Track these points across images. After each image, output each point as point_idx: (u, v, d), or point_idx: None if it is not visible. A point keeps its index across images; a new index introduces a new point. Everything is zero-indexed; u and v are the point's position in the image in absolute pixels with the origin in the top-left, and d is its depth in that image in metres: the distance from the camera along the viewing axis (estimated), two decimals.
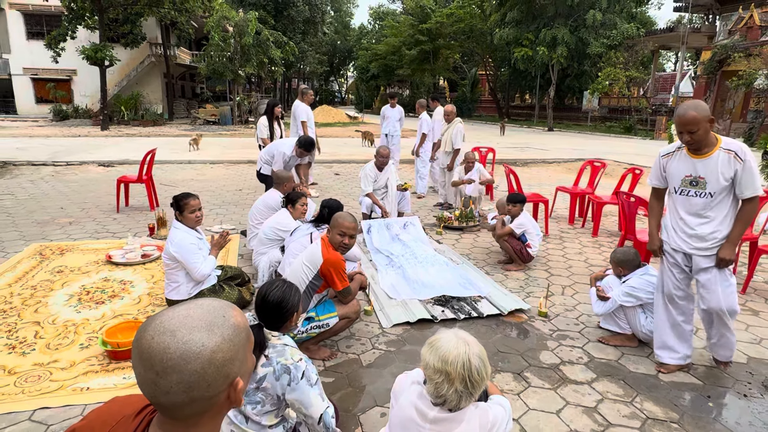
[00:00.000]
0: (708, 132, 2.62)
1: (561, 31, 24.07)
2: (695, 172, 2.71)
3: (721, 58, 19.38)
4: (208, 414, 0.87)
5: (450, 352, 1.51)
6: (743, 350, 3.29)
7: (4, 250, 4.97)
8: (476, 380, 1.51)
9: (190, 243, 3.51)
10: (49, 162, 10.70)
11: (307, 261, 2.91)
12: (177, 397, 0.80)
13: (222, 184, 8.91)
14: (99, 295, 3.89)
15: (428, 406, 1.61)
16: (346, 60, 60.17)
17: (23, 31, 26.12)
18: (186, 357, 0.79)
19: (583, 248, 5.55)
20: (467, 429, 1.55)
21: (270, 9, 33.57)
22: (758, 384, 2.90)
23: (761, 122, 17.41)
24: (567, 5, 23.89)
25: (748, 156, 2.58)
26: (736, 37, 18.92)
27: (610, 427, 2.48)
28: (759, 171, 3.45)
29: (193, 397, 0.81)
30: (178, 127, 22.55)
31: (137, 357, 0.81)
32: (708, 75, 20.49)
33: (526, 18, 25.73)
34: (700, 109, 2.60)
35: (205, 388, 0.81)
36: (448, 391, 1.51)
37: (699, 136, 2.60)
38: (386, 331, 3.47)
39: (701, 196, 2.71)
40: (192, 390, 0.80)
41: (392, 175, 5.97)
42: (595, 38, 23.96)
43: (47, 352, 3.02)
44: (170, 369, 0.78)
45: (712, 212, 2.70)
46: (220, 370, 0.82)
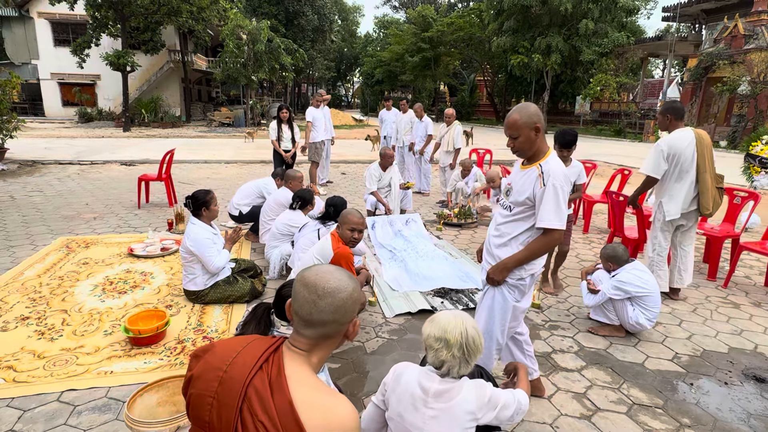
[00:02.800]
0: (532, 141, 2.14)
1: (555, 39, 23.92)
2: (512, 181, 2.31)
3: (707, 66, 19.21)
4: (332, 340, 1.18)
5: (449, 323, 1.62)
6: (724, 341, 3.29)
7: (34, 243, 5.00)
8: (472, 348, 1.60)
9: (206, 238, 3.52)
10: (74, 161, 10.75)
11: (318, 255, 2.93)
12: (326, 315, 1.12)
13: (236, 183, 8.91)
14: (121, 286, 3.91)
15: (430, 379, 1.64)
16: (353, 66, 59.98)
17: (51, 38, 26.17)
18: (339, 288, 1.14)
19: (575, 244, 5.53)
20: (465, 399, 1.60)
21: (281, 18, 33.50)
22: (738, 372, 2.90)
23: (744, 126, 17.28)
24: (561, 15, 23.71)
25: (553, 183, 2.07)
26: (721, 46, 18.75)
27: (598, 411, 2.48)
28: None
29: (335, 318, 1.13)
30: (195, 129, 22.58)
31: (303, 286, 1.14)
32: (694, 81, 20.31)
33: (522, 27, 25.57)
34: (525, 113, 2.13)
35: (342, 314, 1.14)
36: (447, 356, 1.59)
37: (520, 143, 2.16)
38: (389, 320, 3.48)
39: (504, 206, 2.31)
40: (337, 312, 1.13)
41: (395, 174, 5.97)
42: (588, 46, 23.79)
43: (74, 338, 3.05)
44: (328, 294, 1.12)
45: (507, 228, 2.25)
46: (354, 304, 1.18)
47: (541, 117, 2.16)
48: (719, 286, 4.29)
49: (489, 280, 2.27)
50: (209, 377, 1.10)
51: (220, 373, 1.09)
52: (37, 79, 26.63)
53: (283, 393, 1.04)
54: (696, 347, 3.18)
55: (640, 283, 3.15)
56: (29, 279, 3.98)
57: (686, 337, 3.32)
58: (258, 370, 1.08)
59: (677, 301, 3.92)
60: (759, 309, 3.82)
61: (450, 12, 37.03)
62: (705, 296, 4.05)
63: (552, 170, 2.10)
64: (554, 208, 2.07)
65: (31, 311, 3.40)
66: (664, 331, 3.39)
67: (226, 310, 3.54)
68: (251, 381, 1.06)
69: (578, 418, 2.42)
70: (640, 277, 3.17)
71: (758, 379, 2.81)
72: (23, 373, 2.64)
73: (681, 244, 3.91)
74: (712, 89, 19.05)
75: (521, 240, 2.20)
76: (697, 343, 3.23)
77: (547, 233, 2.12)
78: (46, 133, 18.11)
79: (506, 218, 2.26)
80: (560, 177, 2.09)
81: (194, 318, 3.39)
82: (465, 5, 41.30)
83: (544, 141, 2.20)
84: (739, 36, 18.07)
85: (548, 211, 2.08)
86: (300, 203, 4.19)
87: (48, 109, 27.29)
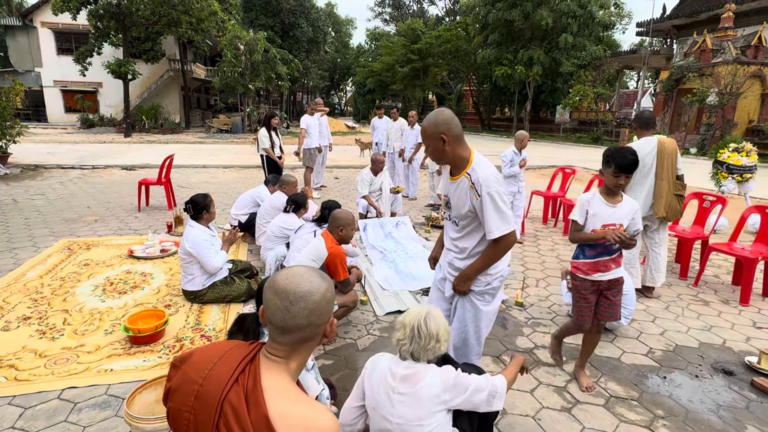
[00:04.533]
0: (441, 151, 2.01)
1: (536, 52, 24.18)
2: (448, 193, 2.16)
3: (678, 78, 19.52)
4: (310, 342, 1.08)
5: (411, 313, 1.71)
6: (695, 336, 3.33)
7: (36, 245, 4.91)
8: (425, 333, 1.64)
9: (204, 239, 3.49)
10: (76, 165, 10.60)
11: (312, 255, 2.91)
12: (301, 320, 1.03)
13: (233, 186, 8.86)
14: (122, 286, 3.86)
15: (397, 363, 1.69)
16: (345, 76, 59.99)
17: (54, 47, 25.82)
18: (311, 290, 1.04)
19: (555, 245, 5.57)
20: (430, 383, 1.63)
21: (277, 30, 33.41)
22: (708, 366, 2.93)
23: (712, 134, 17.57)
24: (542, 29, 23.98)
25: (487, 191, 1.95)
26: (690, 59, 19.07)
27: (578, 404, 2.50)
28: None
29: (310, 321, 1.04)
30: (194, 135, 22.40)
31: (273, 293, 1.04)
32: (666, 92, 20.62)
33: (505, 40, 25.81)
34: (431, 122, 2.00)
35: (318, 316, 1.05)
36: (402, 336, 1.67)
37: (431, 152, 2.05)
38: (380, 318, 3.47)
39: (450, 219, 2.21)
40: (312, 315, 1.03)
41: (386, 179, 5.97)
42: (567, 59, 24.08)
43: (74, 337, 2.99)
44: (300, 298, 1.03)
45: (462, 243, 2.15)
46: (328, 305, 1.08)
47: (450, 125, 1.99)
48: (690, 284, 4.34)
49: (455, 290, 2.19)
50: (186, 391, 1.04)
51: (196, 386, 1.03)
52: (40, 86, 26.24)
53: (259, 407, 0.97)
54: (669, 342, 3.21)
55: None
56: (31, 280, 3.90)
57: (660, 332, 3.35)
58: (234, 383, 1.01)
59: (651, 298, 3.97)
60: (727, 306, 3.88)
61: (438, 25, 37.18)
62: (677, 294, 4.10)
63: (482, 178, 1.97)
64: (497, 215, 1.96)
65: (33, 311, 3.34)
66: (639, 327, 3.42)
67: (224, 309, 3.50)
68: (227, 396, 1.00)
69: (559, 411, 2.44)
70: None
71: (726, 372, 2.84)
72: (24, 372, 2.58)
73: (652, 245, 3.96)
74: (683, 100, 19.36)
75: (481, 251, 2.11)
76: (670, 339, 3.26)
77: (499, 240, 2.01)
78: (48, 138, 17.84)
79: (458, 233, 2.16)
80: (492, 182, 1.96)
81: (192, 317, 3.35)
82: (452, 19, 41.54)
83: (461, 146, 2.04)
84: (707, 50, 18.39)
85: (492, 220, 1.96)
86: (294, 206, 4.16)
87: (51, 116, 26.89)
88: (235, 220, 5.18)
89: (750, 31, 19.45)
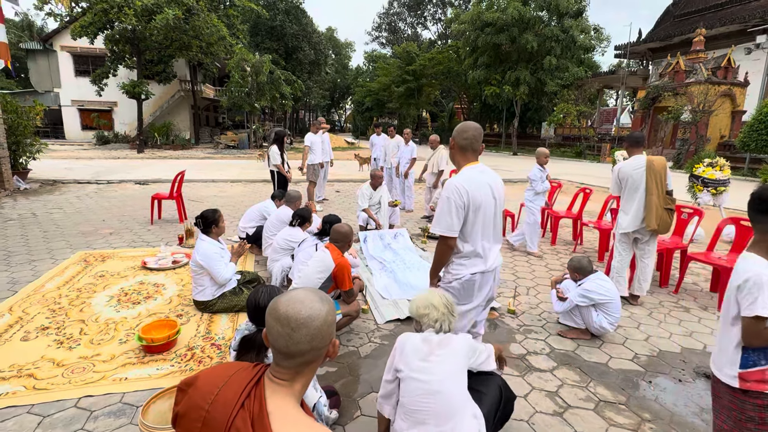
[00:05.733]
0: (451, 151, 2.31)
1: (523, 73, 24.42)
2: None
3: (654, 96, 19.74)
4: (313, 364, 1.04)
5: (428, 296, 1.97)
6: (677, 341, 3.32)
7: (54, 257, 4.87)
8: (450, 305, 1.96)
9: (214, 252, 3.48)
10: (92, 180, 10.57)
11: (319, 266, 2.90)
12: (303, 346, 0.98)
13: (241, 200, 8.85)
14: (135, 297, 3.82)
15: (430, 337, 1.89)
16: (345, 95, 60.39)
17: (72, 69, 25.92)
18: (311, 316, 0.99)
19: (544, 255, 5.57)
20: (459, 343, 1.88)
21: (281, 52, 33.68)
22: (690, 370, 2.92)
23: (687, 149, 17.73)
24: (527, 52, 24.25)
25: (445, 193, 2.15)
26: (666, 80, 19.30)
27: (569, 408, 2.48)
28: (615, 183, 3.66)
29: (313, 346, 0.99)
30: (203, 151, 22.42)
31: (275, 320, 0.99)
32: (643, 110, 20.84)
33: (494, 62, 26.06)
34: (456, 127, 2.26)
35: (320, 339, 1.00)
36: (438, 314, 1.92)
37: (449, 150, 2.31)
38: (380, 326, 3.45)
39: None
40: (314, 340, 0.99)
41: (385, 193, 5.98)
42: (551, 79, 24.32)
43: (90, 347, 2.96)
44: (302, 325, 0.98)
45: None
46: (330, 327, 1.03)
47: (459, 134, 2.21)
48: (671, 291, 4.35)
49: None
50: (193, 417, 1.00)
51: (202, 412, 0.99)
52: (58, 105, 26.29)
53: None
54: (653, 348, 3.20)
55: (603, 291, 3.18)
56: (49, 291, 3.87)
57: (644, 338, 3.35)
58: (240, 409, 0.97)
59: (635, 305, 3.97)
60: (706, 312, 3.88)
61: (431, 48, 37.61)
62: (659, 301, 4.10)
63: (448, 182, 2.18)
64: (437, 216, 2.17)
65: (51, 321, 3.30)
66: (625, 333, 3.42)
67: (232, 318, 3.47)
68: (233, 422, 0.96)
69: (551, 415, 2.42)
70: (602, 285, 3.20)
71: (708, 377, 2.83)
72: (43, 381, 2.55)
73: (641, 257, 3.96)
74: (659, 117, 19.57)
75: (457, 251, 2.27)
76: (654, 344, 3.26)
77: (440, 239, 2.19)
78: (66, 154, 17.81)
79: None
80: (450, 188, 2.13)
81: (203, 326, 3.32)
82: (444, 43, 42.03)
83: (463, 156, 2.25)
84: (681, 71, 18.64)
85: (435, 218, 2.19)
86: (299, 221, 4.16)
87: (68, 133, 26.90)
88: (243, 232, 5.17)
89: (720, 53, 19.76)
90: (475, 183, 2.15)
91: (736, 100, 18.37)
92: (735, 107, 18.48)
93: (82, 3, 18.47)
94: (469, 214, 2.14)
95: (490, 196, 2.20)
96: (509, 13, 23.30)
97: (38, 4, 18.24)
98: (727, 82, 18.00)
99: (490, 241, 2.25)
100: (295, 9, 35.30)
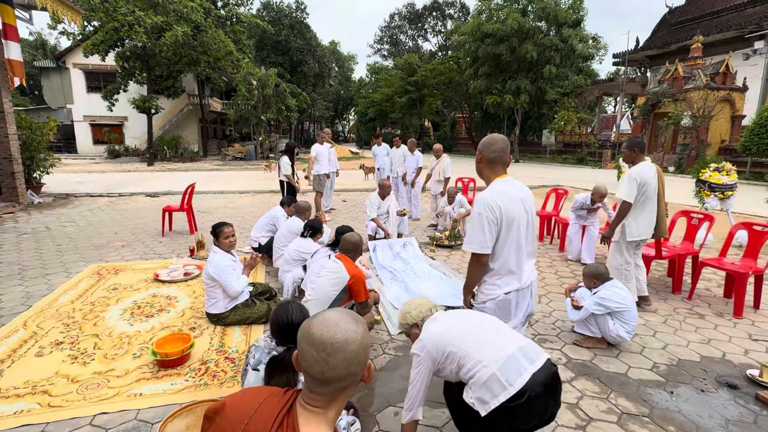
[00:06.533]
0: (477, 165, 2.18)
1: (523, 82, 24.47)
2: None
3: (654, 103, 19.66)
4: (348, 389, 0.97)
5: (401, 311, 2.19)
6: (696, 350, 3.21)
7: (68, 270, 4.84)
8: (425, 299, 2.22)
9: (226, 265, 3.42)
10: (104, 193, 10.60)
11: (333, 278, 2.83)
12: (340, 371, 0.92)
13: (249, 211, 8.82)
14: (148, 310, 3.77)
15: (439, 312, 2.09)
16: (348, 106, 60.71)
17: (84, 85, 26.26)
18: (348, 339, 0.92)
19: (553, 262, 5.48)
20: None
21: (287, 66, 34.01)
22: (712, 380, 2.81)
23: (688, 154, 17.61)
24: (528, 62, 24.31)
25: (476, 209, 2.07)
26: (665, 86, 19.24)
27: (591, 422, 2.38)
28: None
29: (349, 372, 0.93)
30: (212, 163, 22.53)
31: (309, 344, 0.92)
32: (643, 116, 20.76)
33: (494, 72, 26.14)
34: (482, 140, 2.15)
35: (356, 364, 0.94)
36: (424, 306, 2.14)
37: (475, 164, 2.22)
38: (394, 337, 3.37)
39: None
40: (350, 365, 0.92)
41: (393, 202, 5.92)
42: (551, 87, 24.35)
43: (105, 362, 2.90)
44: (338, 349, 0.91)
45: None
46: (366, 351, 0.97)
47: (486, 148, 2.11)
48: (684, 298, 4.23)
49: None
50: None
51: None
52: (71, 120, 26.59)
53: None
54: (671, 357, 3.10)
55: (619, 299, 3.09)
56: (63, 305, 3.82)
57: (661, 347, 3.24)
58: None
59: (649, 312, 3.86)
60: (722, 319, 3.76)
61: (432, 59, 37.82)
62: (673, 308, 3.99)
63: (478, 197, 2.08)
64: (470, 232, 2.09)
65: (65, 336, 3.25)
66: (641, 342, 3.31)
67: (245, 331, 3.40)
68: None
69: (574, 429, 2.32)
70: (618, 293, 3.11)
71: (730, 386, 2.72)
72: (57, 398, 2.48)
73: (637, 261, 3.90)
74: (659, 123, 19.47)
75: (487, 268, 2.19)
76: (672, 353, 3.15)
77: (472, 257, 2.10)
78: (78, 168, 17.94)
79: None
80: (479, 203, 2.04)
81: (216, 339, 3.25)
82: (444, 54, 42.26)
83: (492, 170, 2.14)
84: (679, 78, 18.57)
85: (467, 235, 2.11)
86: (311, 232, 4.10)
87: (80, 147, 27.17)
88: (255, 242, 5.12)
89: (718, 59, 19.70)
90: (507, 197, 2.05)
91: (735, 104, 18.25)
92: (734, 112, 18.36)
93: (94, 22, 18.72)
94: (502, 230, 2.05)
95: (522, 210, 2.10)
96: (509, 23, 23.41)
97: (52, 24, 18.54)
98: (726, 87, 17.90)
99: (523, 257, 2.14)
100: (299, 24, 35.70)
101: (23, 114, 9.75)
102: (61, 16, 8.64)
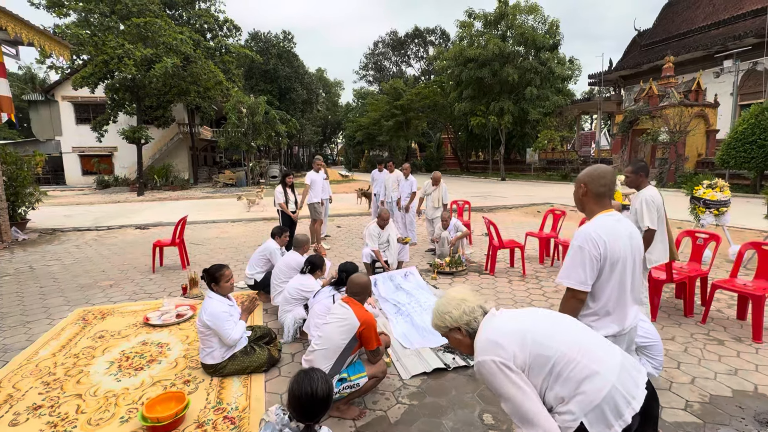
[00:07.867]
0: (577, 195, 1.98)
1: (506, 103, 24.86)
2: None
3: (632, 120, 20.05)
4: None
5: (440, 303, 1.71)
6: (725, 383, 2.97)
7: (51, 316, 4.44)
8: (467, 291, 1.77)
9: (222, 311, 3.11)
10: (92, 227, 10.15)
11: (342, 327, 2.54)
12: None
13: (243, 241, 8.47)
14: (138, 361, 3.40)
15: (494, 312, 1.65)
16: (336, 130, 61.13)
17: (73, 117, 25.87)
18: None
19: (557, 286, 5.26)
20: None
21: (275, 93, 34.10)
22: (751, 418, 2.57)
23: (668, 168, 17.88)
24: (509, 84, 24.77)
25: (574, 242, 1.86)
26: (641, 104, 19.67)
27: None
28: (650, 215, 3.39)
29: None
30: (202, 190, 22.11)
31: None
32: (623, 133, 21.12)
33: (478, 94, 26.57)
34: (585, 170, 1.97)
35: None
36: (472, 300, 1.67)
37: (574, 194, 2.05)
38: (406, 383, 3.06)
39: None
40: None
41: (392, 231, 5.67)
42: (533, 108, 24.78)
43: (88, 429, 2.53)
44: None
45: None
46: None
47: (593, 180, 1.89)
48: (698, 322, 4.03)
49: None
50: None
51: None
52: (59, 152, 26.05)
53: None
54: (702, 392, 2.85)
55: (643, 333, 2.84)
56: (44, 359, 3.43)
57: (689, 381, 3.00)
58: None
59: (666, 339, 3.64)
60: (742, 344, 3.55)
61: (416, 84, 38.41)
62: (690, 334, 3.78)
63: (579, 231, 1.87)
64: (565, 264, 1.87)
65: (45, 398, 2.87)
66: (668, 376, 3.07)
67: (245, 382, 3.06)
68: None
69: None
70: (642, 327, 2.87)
71: None
72: None
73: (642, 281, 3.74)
74: (638, 139, 19.81)
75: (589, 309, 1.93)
76: (702, 388, 2.91)
77: (568, 291, 1.86)
78: (66, 200, 17.36)
79: None
80: (579, 236, 1.83)
81: (213, 394, 2.91)
82: (427, 78, 42.99)
83: (597, 203, 1.91)
84: (654, 96, 19.01)
85: (563, 267, 1.87)
86: (310, 268, 3.82)
87: (69, 178, 26.53)
88: (251, 280, 4.79)
89: (689, 77, 20.30)
90: (613, 233, 1.83)
91: (709, 120, 18.71)
92: (708, 127, 18.80)
93: (83, 56, 18.52)
94: (605, 268, 1.81)
95: (629, 249, 1.86)
96: (490, 48, 23.91)
97: (40, 59, 18.24)
98: (699, 104, 18.36)
99: (626, 302, 1.89)
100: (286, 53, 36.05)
101: (8, 149, 9.35)
102: (49, 50, 8.40)
